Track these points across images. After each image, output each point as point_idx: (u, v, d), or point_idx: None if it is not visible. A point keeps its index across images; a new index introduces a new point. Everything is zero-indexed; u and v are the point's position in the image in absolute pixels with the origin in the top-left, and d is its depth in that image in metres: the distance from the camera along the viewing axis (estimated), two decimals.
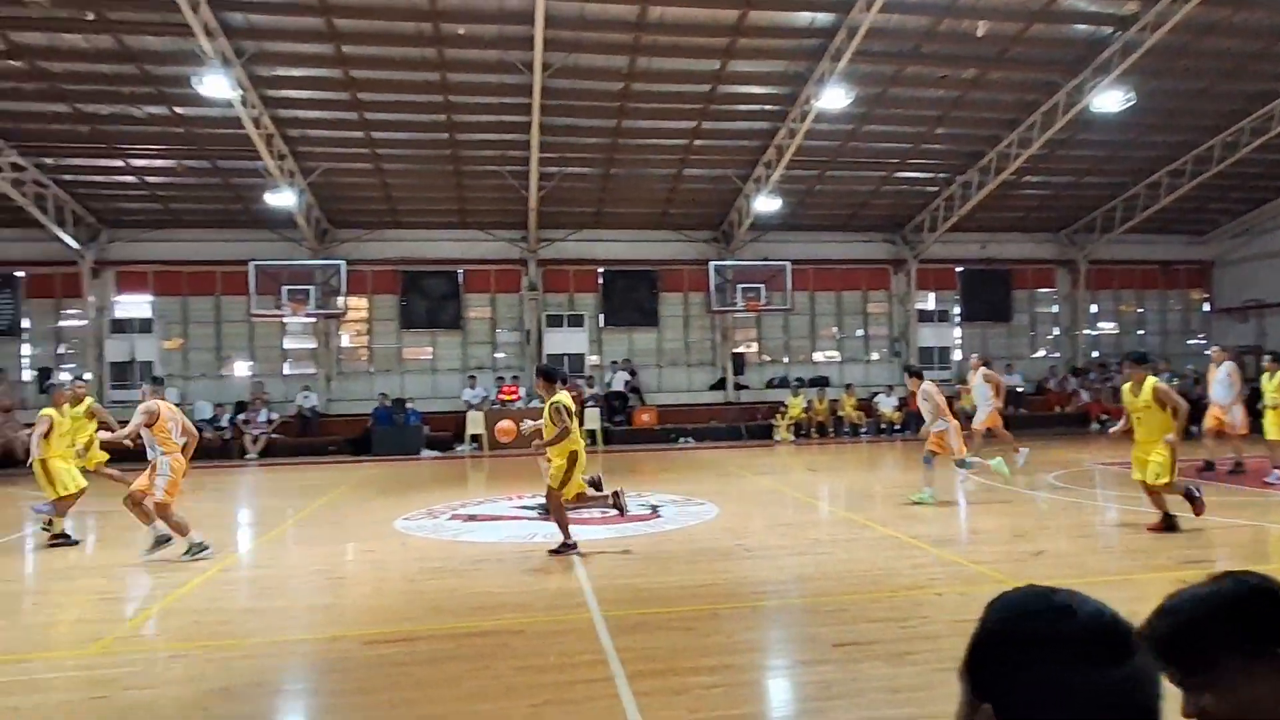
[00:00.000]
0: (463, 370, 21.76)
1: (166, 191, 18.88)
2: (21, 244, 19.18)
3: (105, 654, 5.55)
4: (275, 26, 13.53)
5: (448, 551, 8.37)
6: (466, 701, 4.30)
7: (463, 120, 16.59)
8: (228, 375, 20.99)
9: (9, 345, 19.95)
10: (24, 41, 13.27)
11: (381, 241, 21.18)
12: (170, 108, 15.34)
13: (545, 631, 5.53)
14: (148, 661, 5.32)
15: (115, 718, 4.40)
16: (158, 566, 8.16)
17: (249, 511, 12.60)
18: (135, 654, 5.52)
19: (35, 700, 4.68)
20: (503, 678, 4.62)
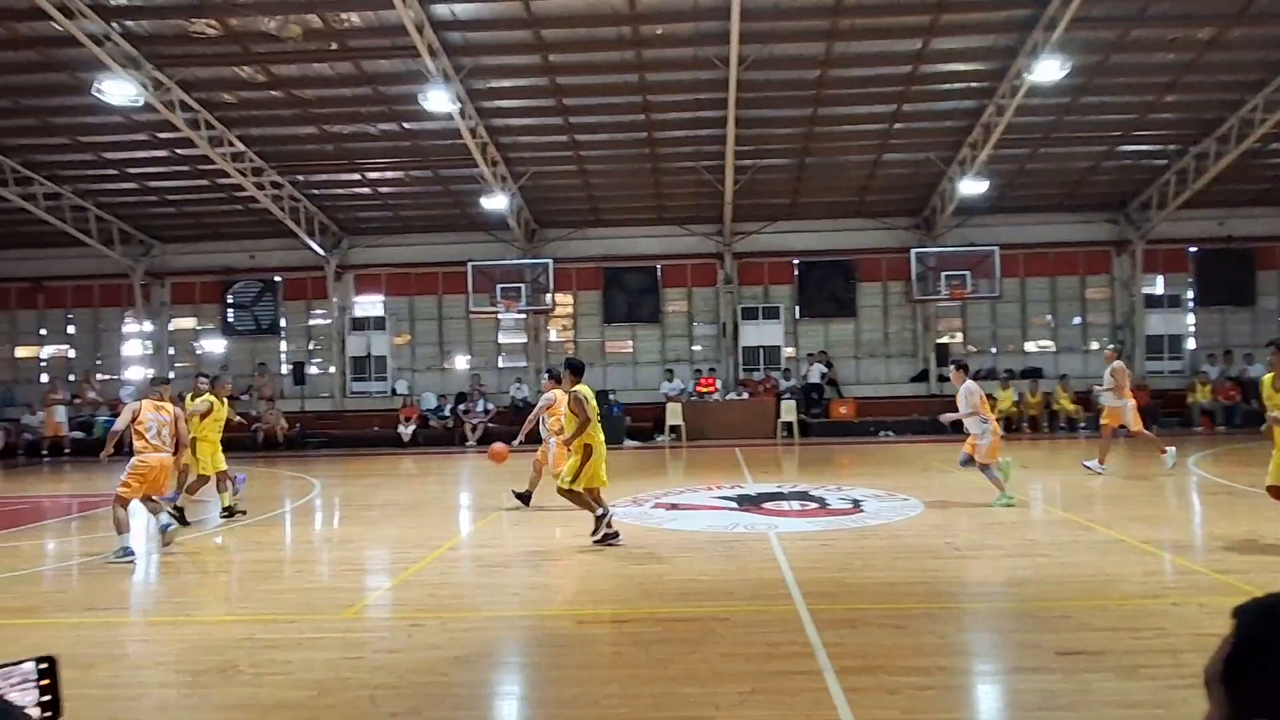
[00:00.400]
0: (662, 362, 22.29)
1: (396, 200, 20.68)
2: (280, 252, 21.74)
3: (357, 619, 6.24)
4: (490, 42, 14.45)
5: (653, 538, 8.67)
6: (676, 683, 4.48)
7: (660, 119, 16.98)
8: (449, 368, 22.67)
9: (271, 342, 22.65)
10: (282, 73, 15.00)
11: (585, 240, 22.08)
12: (400, 124, 16.80)
13: (750, 621, 5.63)
14: (392, 628, 5.90)
15: (368, 675, 4.94)
16: (393, 544, 9.04)
17: (469, 495, 13.58)
18: (381, 621, 6.17)
19: (303, 656, 5.33)
20: (710, 663, 4.77)
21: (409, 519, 10.52)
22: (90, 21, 12.94)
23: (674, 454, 18.38)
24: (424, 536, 9.21)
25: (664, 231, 21.98)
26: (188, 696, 4.73)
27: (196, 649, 5.54)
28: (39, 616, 6.43)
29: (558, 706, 4.30)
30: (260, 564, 8.40)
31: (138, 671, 5.20)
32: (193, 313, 22.88)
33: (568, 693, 4.45)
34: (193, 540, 9.58)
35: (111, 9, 13.18)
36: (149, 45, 14.07)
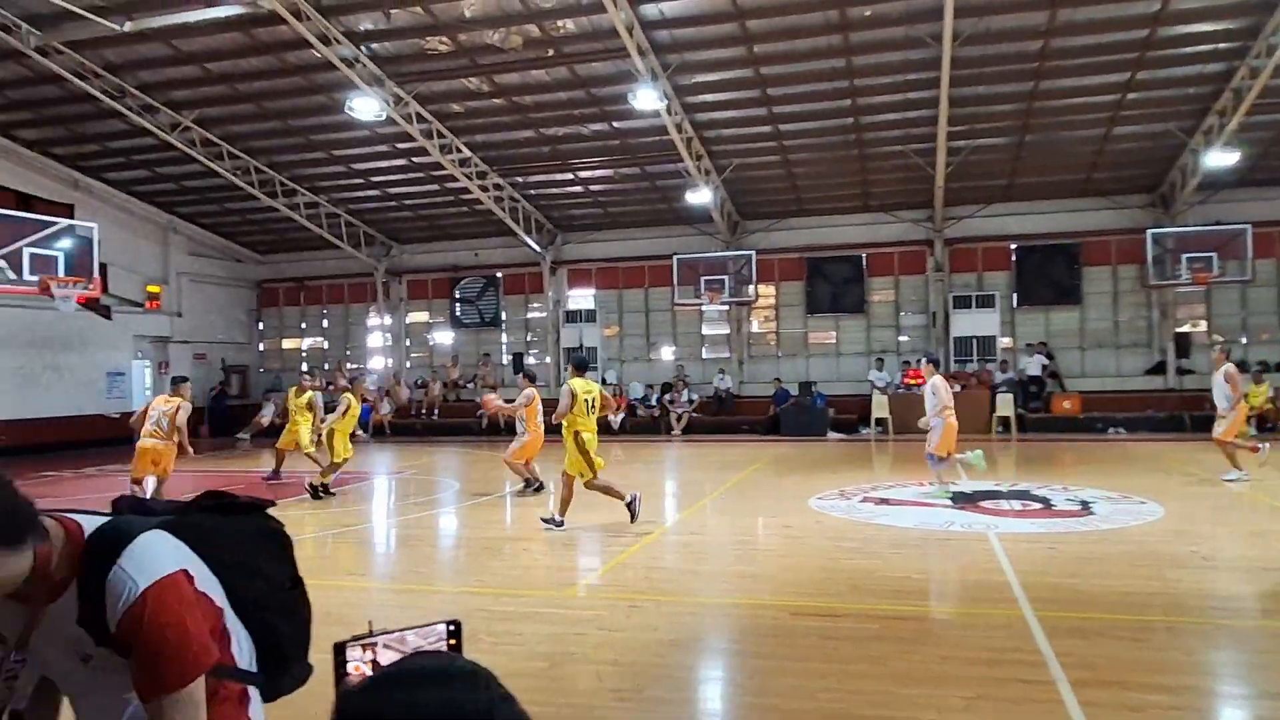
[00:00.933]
0: (866, 354, 21.72)
1: (606, 197, 21.46)
2: (501, 250, 23.21)
3: (579, 597, 6.64)
4: (695, 38, 14.67)
5: (863, 533, 8.55)
6: (895, 682, 4.44)
7: (867, 103, 16.52)
8: (655, 359, 23.28)
9: (493, 334, 24.26)
10: (504, 82, 16.00)
11: (787, 230, 21.90)
12: (610, 123, 17.42)
13: (972, 624, 5.47)
14: (611, 608, 6.22)
15: (591, 651, 5.26)
16: (606, 527, 9.46)
17: (675, 483, 13.94)
18: (601, 600, 6.52)
19: (533, 629, 5.76)
20: (930, 665, 4.69)
21: (619, 504, 10.93)
22: (344, 47, 14.42)
23: (880, 447, 17.90)
24: (635, 522, 9.58)
25: (869, 219, 21.36)
26: None
27: (441, 615, 6.12)
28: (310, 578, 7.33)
29: (773, 696, 4.37)
30: (487, 541, 9.09)
31: None
32: (425, 307, 24.92)
33: (782, 683, 4.53)
34: (415, 518, 10.51)
35: (360, 34, 14.62)
36: (391, 65, 15.48)
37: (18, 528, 1.57)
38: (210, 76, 16.07)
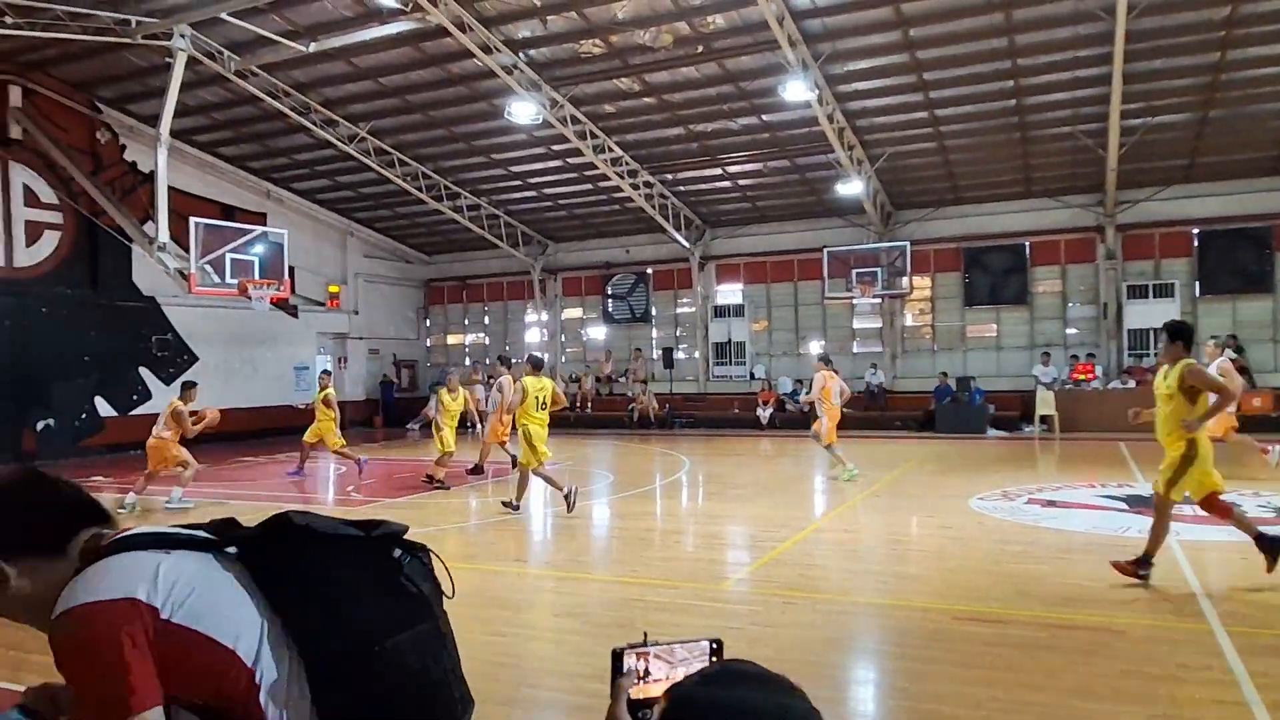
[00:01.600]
0: (1029, 347, 20.65)
1: (754, 191, 21.38)
2: (651, 246, 23.59)
3: (732, 591, 6.72)
4: (848, 25, 14.38)
5: (1029, 536, 8.21)
6: (1070, 695, 4.27)
7: (1030, 83, 15.67)
8: (804, 353, 23.01)
9: (643, 329, 24.69)
10: (654, 81, 16.26)
11: (943, 220, 21.10)
12: (759, 117, 17.35)
13: (1152, 637, 5.17)
14: (765, 603, 6.26)
15: (746, 647, 5.32)
16: (757, 522, 9.51)
17: (825, 479, 13.75)
18: (755, 595, 6.57)
19: (689, 620, 5.88)
20: (1108, 679, 4.48)
21: (770, 499, 10.97)
22: (504, 55, 15.08)
23: (1045, 446, 16.99)
24: (786, 517, 9.58)
25: (1032, 205, 20.26)
26: (597, 644, 5.46)
27: (598, 603, 6.37)
28: (478, 563, 7.78)
29: (934, 702, 4.29)
30: (640, 532, 9.33)
31: (556, 619, 6.11)
32: (579, 304, 25.67)
33: (946, 689, 4.44)
34: (576, 508, 10.89)
35: (518, 41, 15.23)
36: (547, 69, 16.04)
37: (59, 533, 1.49)
38: (383, 90, 17.18)
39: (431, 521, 9.78)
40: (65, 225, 18.00)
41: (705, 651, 1.47)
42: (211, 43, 15.44)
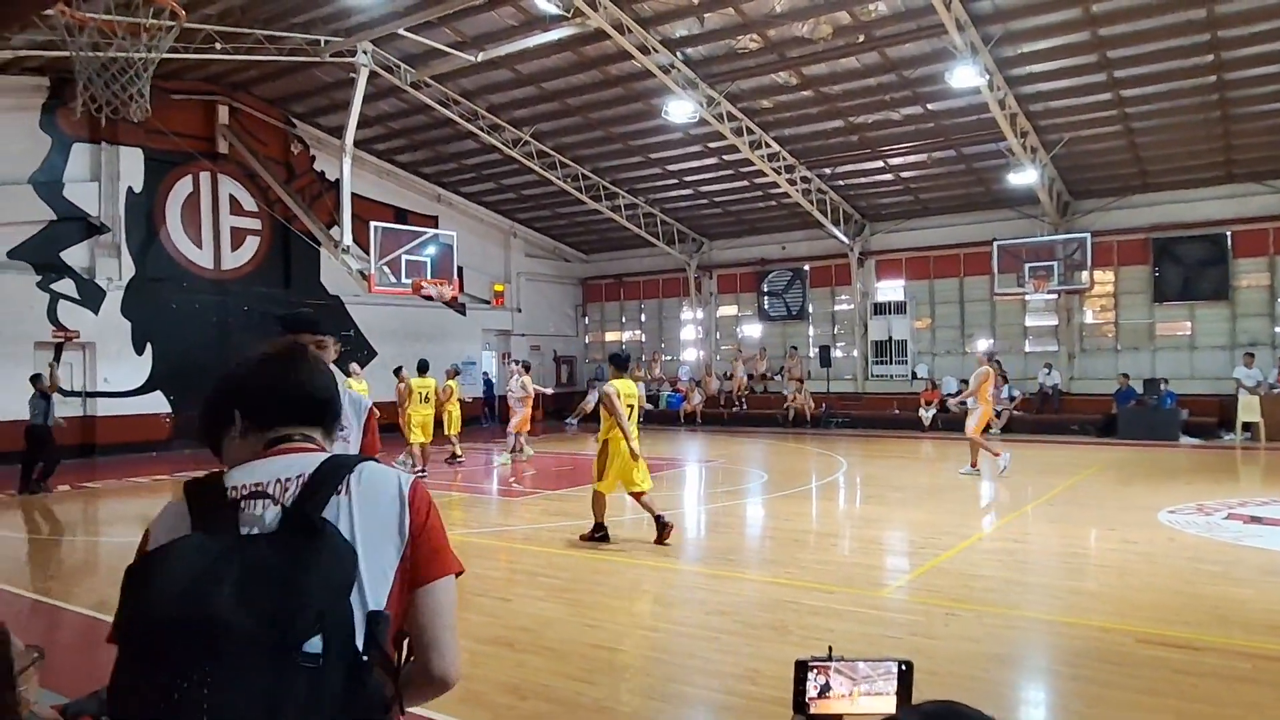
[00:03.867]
0: (1229, 347, 18.77)
1: (917, 184, 20.57)
2: (807, 242, 23.19)
3: (890, 599, 6.49)
4: (1022, 4, 13.54)
5: (1229, 555, 7.46)
6: None
7: (1233, 56, 14.21)
8: (971, 352, 21.91)
9: (799, 326, 24.30)
10: (812, 73, 15.95)
11: (1129, 208, 19.53)
12: (923, 106, 16.67)
13: None
14: (926, 613, 5.99)
15: (905, 657, 5.15)
16: (918, 528, 9.14)
17: (993, 486, 13.05)
18: (915, 604, 6.31)
19: (844, 626, 5.73)
20: None
21: (932, 504, 10.52)
22: (660, 55, 15.23)
23: (1249, 456, 15.43)
24: (950, 524, 9.16)
25: (1234, 191, 18.39)
26: (748, 645, 5.42)
27: (751, 604, 6.32)
28: (631, 557, 7.89)
29: None
30: (795, 533, 9.17)
31: (707, 616, 6.10)
32: (734, 301, 25.56)
33: (1125, 717, 4.12)
34: (724, 506, 10.83)
35: (675, 40, 15.33)
36: (703, 67, 16.06)
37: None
38: (545, 95, 17.74)
39: (586, 515, 10.01)
40: (263, 231, 19.72)
41: (893, 673, 1.41)
42: (390, 57, 16.46)
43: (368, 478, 1.58)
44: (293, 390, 1.71)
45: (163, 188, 18.10)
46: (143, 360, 17.68)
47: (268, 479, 1.56)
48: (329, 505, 1.52)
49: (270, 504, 1.51)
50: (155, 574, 1.44)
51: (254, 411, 1.67)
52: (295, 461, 1.60)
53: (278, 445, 1.65)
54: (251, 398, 1.68)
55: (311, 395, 1.73)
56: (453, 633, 1.60)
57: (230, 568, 1.42)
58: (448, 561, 1.62)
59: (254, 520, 1.50)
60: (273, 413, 1.68)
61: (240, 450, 1.65)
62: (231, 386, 1.70)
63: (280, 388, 1.70)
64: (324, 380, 1.76)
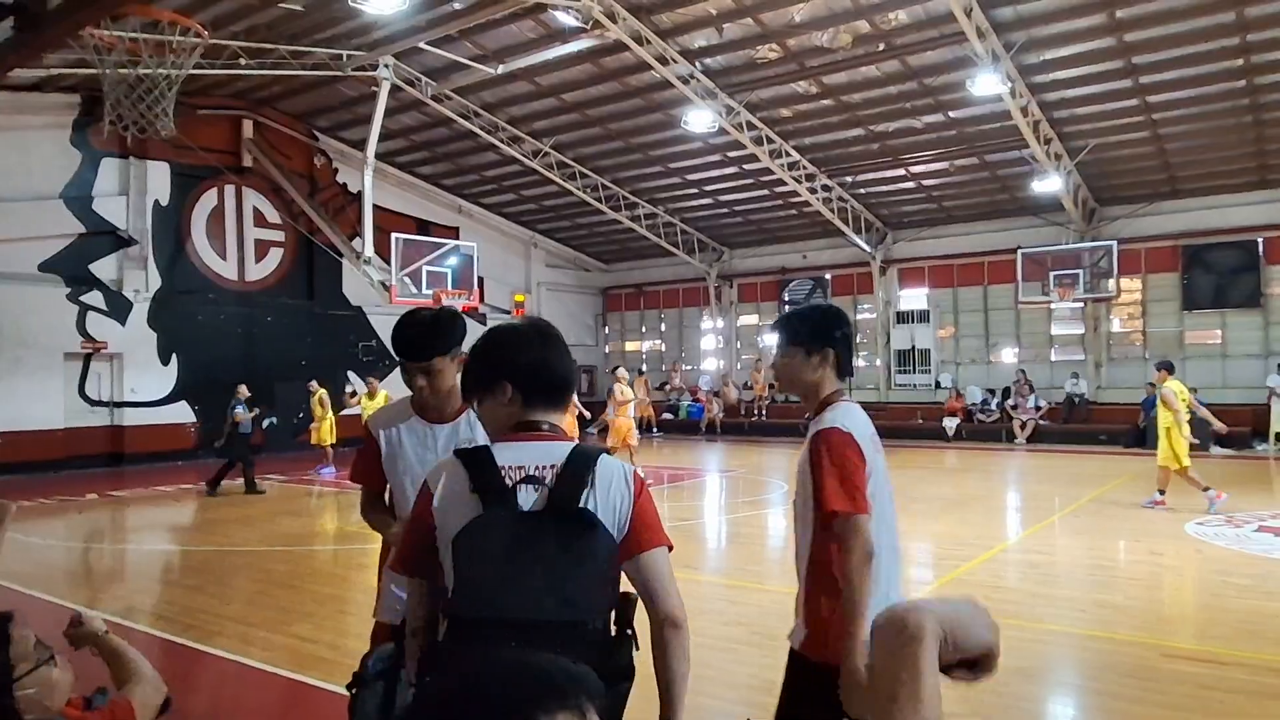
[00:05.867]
0: (1263, 356, 18.42)
1: (940, 192, 20.42)
2: (829, 251, 23.07)
3: None
4: (1043, 10, 13.44)
5: (1258, 568, 7.30)
6: None
7: (1265, 59, 13.99)
8: (995, 361, 21.70)
9: None
10: (832, 82, 15.89)
11: (1157, 215, 19.26)
12: (945, 114, 16.55)
13: None
14: None
15: None
16: (941, 539, 9.02)
17: (1019, 496, 12.91)
18: None
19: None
20: None
21: (955, 515, 10.39)
22: (680, 65, 15.26)
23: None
24: (973, 535, 9.05)
25: (1267, 196, 18.06)
26: (765, 656, 5.36)
27: (769, 615, 6.25)
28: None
29: None
30: None
31: (725, 628, 6.05)
32: (754, 310, 25.45)
33: None
34: (744, 516, 10.75)
35: (694, 51, 15.35)
36: (723, 77, 16.06)
37: (550, 399, 1.99)
38: (564, 106, 17.83)
39: None
40: (287, 243, 19.94)
41: None
42: (411, 71, 16.62)
43: (603, 469, 1.85)
44: (560, 378, 1.95)
45: (189, 201, 18.37)
46: (169, 370, 17.91)
47: (530, 463, 1.81)
48: (584, 496, 1.79)
49: (539, 487, 1.78)
50: (478, 548, 1.73)
51: (525, 390, 1.89)
52: (550, 449, 1.84)
53: (533, 430, 1.88)
54: (525, 376, 1.90)
55: (569, 383, 1.99)
56: (672, 583, 1.93)
57: (529, 551, 1.71)
58: (660, 536, 1.92)
59: (528, 501, 1.78)
60: (540, 395, 1.90)
61: (501, 418, 1.91)
62: (506, 359, 1.92)
63: (550, 373, 1.93)
64: (574, 367, 2.04)
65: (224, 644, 5.65)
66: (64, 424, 16.42)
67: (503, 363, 1.91)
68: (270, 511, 11.45)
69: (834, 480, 2.46)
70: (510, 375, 1.89)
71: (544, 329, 2.00)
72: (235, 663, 5.33)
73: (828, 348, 2.66)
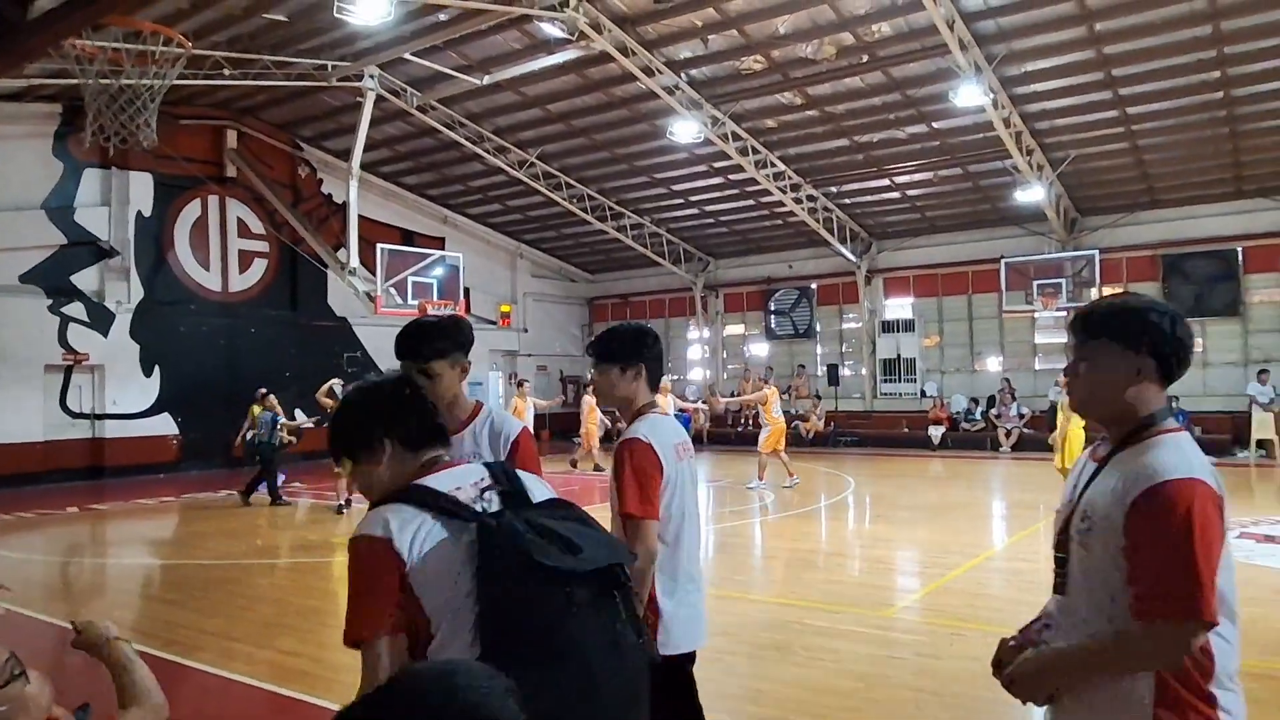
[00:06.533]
0: (1241, 364, 18.62)
1: (924, 201, 20.56)
2: (814, 260, 23.17)
3: (896, 619, 6.43)
4: (1025, 23, 13.60)
5: (1240, 575, 7.13)
6: None
7: (1241, 72, 14.19)
8: (980, 370, 21.82)
9: (806, 345, 24.22)
10: (816, 93, 16.00)
11: (1136, 225, 19.47)
12: (928, 124, 16.69)
13: None
14: (931, 633, 5.94)
15: (910, 678, 5.07)
16: (925, 547, 9.06)
17: (1002, 504, 12.98)
18: (920, 624, 6.25)
19: (849, 646, 5.68)
20: None
21: (940, 523, 10.43)
22: (665, 76, 15.32)
23: (1263, 474, 15.26)
24: (958, 543, 9.09)
25: (1244, 207, 18.31)
26: (751, 665, 5.38)
27: (755, 624, 6.26)
28: None
29: None
30: (802, 553, 9.11)
31: (711, 638, 6.00)
32: (740, 320, 25.50)
33: None
34: (731, 526, 10.75)
35: (679, 62, 15.42)
36: (708, 88, 16.14)
37: (426, 437, 1.92)
38: (550, 117, 17.86)
39: None
40: (270, 253, 19.85)
41: None
42: (396, 81, 16.62)
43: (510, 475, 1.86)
44: (434, 417, 1.91)
45: (171, 212, 18.26)
46: (151, 382, 17.76)
47: (470, 481, 1.79)
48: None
49: (497, 494, 1.76)
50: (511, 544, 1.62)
51: (406, 439, 1.84)
52: (468, 471, 1.83)
53: (437, 464, 1.84)
54: (400, 425, 1.84)
55: (441, 423, 1.93)
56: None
57: (551, 531, 1.66)
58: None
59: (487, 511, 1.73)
60: (425, 437, 1.86)
61: (395, 473, 1.82)
62: (375, 415, 1.86)
63: (425, 413, 1.89)
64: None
65: (206, 658, 5.61)
66: (44, 436, 16.24)
67: (376, 421, 1.85)
68: (252, 525, 11.37)
69: (632, 487, 2.73)
70: (387, 430, 1.84)
71: (400, 377, 1.99)
72: (218, 677, 5.29)
73: (640, 363, 2.92)
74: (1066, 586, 1.96)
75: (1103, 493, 1.86)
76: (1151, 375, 1.92)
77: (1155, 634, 1.73)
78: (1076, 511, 1.93)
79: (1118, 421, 1.94)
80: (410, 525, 1.66)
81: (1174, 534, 1.71)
